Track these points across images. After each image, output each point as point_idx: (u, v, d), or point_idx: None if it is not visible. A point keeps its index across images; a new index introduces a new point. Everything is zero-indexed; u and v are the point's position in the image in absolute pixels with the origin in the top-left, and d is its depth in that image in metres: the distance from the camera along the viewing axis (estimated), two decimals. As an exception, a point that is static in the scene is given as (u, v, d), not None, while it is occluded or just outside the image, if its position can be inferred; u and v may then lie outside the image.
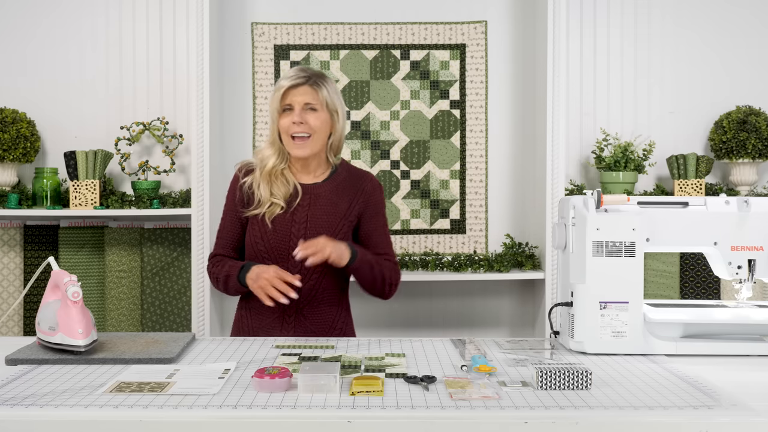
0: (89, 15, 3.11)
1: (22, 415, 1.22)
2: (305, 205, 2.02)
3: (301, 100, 1.98)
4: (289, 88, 1.99)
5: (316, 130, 1.99)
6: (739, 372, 1.54)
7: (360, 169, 2.14)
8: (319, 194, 2.04)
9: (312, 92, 1.99)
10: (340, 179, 2.07)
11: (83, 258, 2.99)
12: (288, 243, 1.99)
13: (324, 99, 2.00)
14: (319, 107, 2.00)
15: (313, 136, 1.99)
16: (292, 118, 1.98)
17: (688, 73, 3.16)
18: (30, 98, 3.09)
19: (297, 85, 1.99)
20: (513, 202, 3.17)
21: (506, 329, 3.19)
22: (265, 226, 2.00)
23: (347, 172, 2.10)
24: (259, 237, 2.01)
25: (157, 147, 3.11)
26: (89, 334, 1.58)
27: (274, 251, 2.00)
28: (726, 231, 1.74)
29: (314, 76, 2.02)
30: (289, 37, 3.14)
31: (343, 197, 2.05)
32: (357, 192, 2.07)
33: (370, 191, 2.08)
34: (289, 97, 1.99)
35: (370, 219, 2.07)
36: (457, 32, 3.14)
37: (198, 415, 1.22)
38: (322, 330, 2.02)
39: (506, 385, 1.39)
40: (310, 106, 1.99)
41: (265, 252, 2.00)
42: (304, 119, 1.98)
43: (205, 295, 2.87)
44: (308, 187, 2.05)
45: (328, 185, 2.06)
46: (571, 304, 1.71)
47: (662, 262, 2.97)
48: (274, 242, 2.00)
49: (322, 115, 2.00)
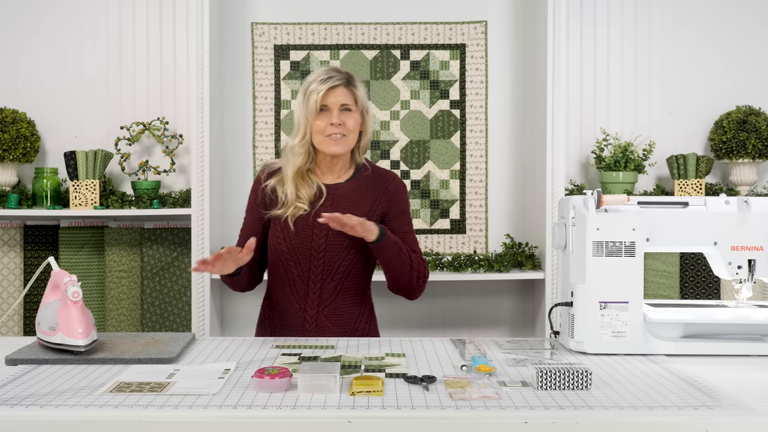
0: (89, 15, 3.11)
1: (22, 415, 1.22)
2: (327, 206, 2.01)
3: (338, 101, 1.99)
4: (328, 90, 1.99)
5: (351, 130, 2.00)
6: (739, 372, 1.54)
7: (383, 169, 2.12)
8: (341, 194, 2.04)
9: (348, 93, 2.00)
10: (364, 179, 2.06)
11: (83, 258, 2.99)
12: (310, 244, 1.98)
13: (357, 99, 2.01)
14: (353, 107, 2.00)
15: (348, 135, 2.00)
16: (329, 119, 1.98)
17: (688, 73, 3.16)
18: (30, 98, 3.09)
19: (335, 87, 1.99)
20: (513, 202, 3.17)
21: (506, 329, 3.19)
22: (288, 227, 2.00)
23: (370, 172, 2.08)
24: (281, 238, 2.01)
25: (157, 147, 3.11)
26: (89, 334, 1.58)
27: (296, 252, 2.00)
28: (726, 231, 1.74)
29: (349, 76, 2.02)
30: (289, 37, 3.14)
31: (365, 197, 2.04)
32: (380, 191, 2.05)
33: (394, 190, 2.07)
34: (327, 98, 1.99)
35: (393, 218, 2.05)
36: (457, 32, 3.14)
37: (198, 415, 1.22)
38: (344, 330, 2.01)
39: (506, 385, 1.39)
40: (345, 106, 1.99)
41: (287, 253, 2.00)
42: (342, 120, 1.98)
43: (205, 295, 2.87)
44: (331, 187, 2.04)
45: (350, 185, 2.05)
46: (571, 304, 1.71)
47: (662, 262, 2.97)
48: (296, 243, 2.00)
49: (355, 115, 2.01)
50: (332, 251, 1.98)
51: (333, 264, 1.98)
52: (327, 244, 1.98)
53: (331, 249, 1.98)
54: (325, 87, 1.98)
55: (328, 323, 2.00)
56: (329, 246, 1.98)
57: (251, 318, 3.18)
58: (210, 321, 2.88)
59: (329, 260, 1.98)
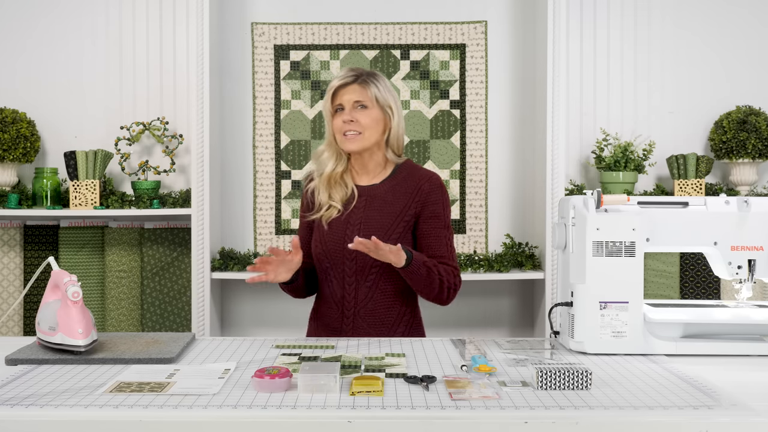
0: (89, 15, 3.11)
1: (22, 415, 1.22)
2: (360, 207, 2.02)
3: (351, 98, 1.99)
4: (338, 88, 2.01)
5: (366, 127, 1.99)
6: (739, 372, 1.54)
7: (423, 169, 2.09)
8: (375, 195, 2.03)
9: (361, 90, 2.00)
10: (399, 179, 2.05)
11: (83, 258, 2.99)
12: (342, 245, 1.99)
13: (374, 96, 2.00)
14: (369, 104, 2.00)
15: (364, 133, 1.99)
16: (342, 117, 1.99)
17: (688, 74, 3.16)
18: (30, 98, 3.09)
19: (346, 84, 2.00)
20: (513, 202, 3.17)
21: (506, 329, 3.19)
22: (323, 230, 2.02)
23: (408, 172, 2.06)
24: (318, 240, 2.04)
25: (157, 147, 3.11)
26: (89, 334, 1.58)
27: (330, 254, 2.01)
28: (726, 231, 1.74)
29: (364, 74, 2.02)
30: (289, 37, 3.14)
31: (399, 197, 2.02)
32: (414, 192, 2.02)
33: (428, 191, 2.02)
34: (340, 96, 2.01)
35: (426, 220, 2.02)
36: (457, 32, 3.14)
37: (198, 415, 1.22)
38: (381, 332, 2.00)
39: (506, 385, 1.39)
40: (360, 104, 1.99)
41: (323, 255, 2.02)
42: (355, 117, 1.98)
43: (205, 295, 2.87)
44: (365, 188, 2.05)
45: (385, 185, 2.05)
46: (571, 304, 1.71)
47: (662, 262, 2.97)
48: (330, 245, 2.00)
49: (372, 112, 2.00)
50: (364, 252, 1.95)
51: (366, 265, 1.98)
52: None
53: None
54: (336, 85, 2.01)
55: (364, 324, 2.00)
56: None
57: (251, 318, 3.19)
58: (210, 321, 2.88)
59: (361, 261, 1.98)
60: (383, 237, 1.95)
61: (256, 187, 3.15)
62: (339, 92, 2.01)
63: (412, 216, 2.02)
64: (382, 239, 1.91)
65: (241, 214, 3.17)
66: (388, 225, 1.99)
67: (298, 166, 3.14)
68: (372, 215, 2.01)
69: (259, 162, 3.14)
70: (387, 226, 1.99)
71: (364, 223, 2.00)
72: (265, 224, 3.15)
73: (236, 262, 2.98)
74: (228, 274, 2.93)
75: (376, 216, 2.01)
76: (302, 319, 2.26)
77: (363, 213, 2.01)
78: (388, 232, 1.98)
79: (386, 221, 2.00)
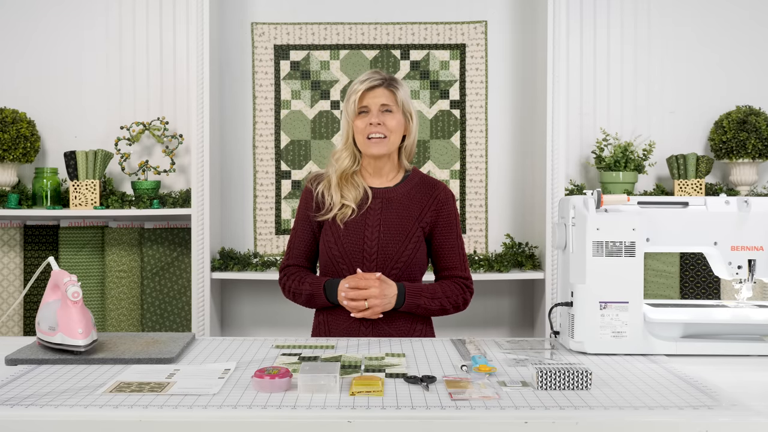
0: (89, 15, 3.11)
1: (22, 415, 1.22)
2: (377, 209, 2.01)
3: (378, 101, 1.99)
4: (365, 90, 2.00)
5: (392, 131, 2.00)
6: (739, 372, 1.54)
7: (433, 178, 2.12)
8: (391, 198, 2.04)
9: (389, 94, 2.00)
10: (413, 184, 2.06)
11: (83, 258, 2.99)
12: (362, 245, 1.98)
13: (401, 101, 2.01)
14: (395, 109, 2.00)
15: (389, 137, 2.00)
16: (369, 119, 1.99)
17: (688, 74, 3.16)
18: (30, 98, 3.09)
19: (373, 87, 2.00)
20: (513, 202, 3.17)
21: (506, 329, 3.19)
22: (338, 229, 2.01)
23: (419, 179, 2.08)
24: (332, 241, 2.01)
25: (157, 147, 3.11)
26: (89, 334, 1.58)
27: (347, 255, 1.99)
28: (726, 231, 1.74)
29: (390, 78, 2.03)
30: (289, 37, 3.14)
31: (415, 202, 2.04)
32: (429, 199, 2.04)
33: (443, 200, 2.05)
34: (366, 99, 2.00)
35: (441, 231, 2.04)
36: (457, 32, 3.14)
37: (198, 415, 1.22)
38: (402, 332, 2.00)
39: (506, 385, 1.39)
40: (386, 107, 1.99)
41: (339, 256, 2.00)
42: (381, 120, 1.98)
43: (205, 295, 2.87)
44: (380, 191, 2.05)
45: (400, 189, 2.05)
46: (571, 304, 1.71)
47: (662, 262, 2.97)
48: (347, 245, 1.99)
49: (397, 116, 2.01)
50: (384, 253, 1.98)
51: (386, 266, 1.98)
52: (379, 246, 1.98)
53: (383, 251, 1.98)
54: (363, 87, 2.00)
55: (385, 325, 1.99)
56: (381, 248, 1.98)
57: (251, 318, 3.19)
58: (210, 321, 2.88)
59: (382, 262, 1.98)
60: (403, 240, 1.97)
61: (256, 187, 3.15)
62: (366, 95, 2.00)
63: (428, 223, 2.03)
64: (402, 242, 1.95)
65: (241, 214, 3.16)
66: (407, 228, 2.00)
67: (298, 166, 3.14)
68: (390, 217, 2.01)
69: (259, 162, 3.13)
70: (407, 228, 2.00)
71: (383, 224, 2.00)
72: (265, 224, 3.15)
73: (236, 262, 2.99)
74: (228, 274, 2.93)
75: (395, 219, 2.01)
76: (302, 319, 2.26)
77: (380, 215, 2.01)
78: (407, 235, 1.99)
79: (406, 224, 2.01)
